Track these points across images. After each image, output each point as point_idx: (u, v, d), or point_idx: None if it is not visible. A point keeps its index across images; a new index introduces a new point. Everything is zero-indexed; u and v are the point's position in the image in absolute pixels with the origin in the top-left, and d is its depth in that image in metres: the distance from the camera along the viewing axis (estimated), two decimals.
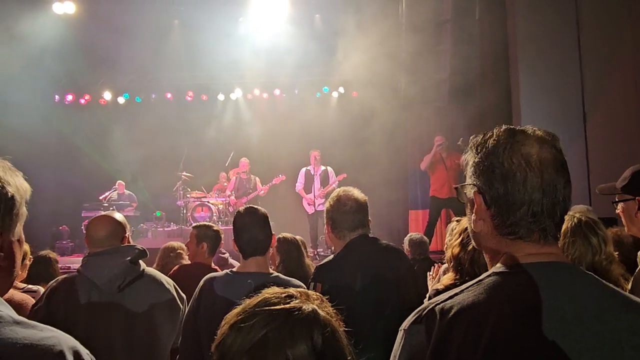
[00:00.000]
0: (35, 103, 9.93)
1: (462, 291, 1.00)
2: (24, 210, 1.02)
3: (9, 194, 0.97)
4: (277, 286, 1.05)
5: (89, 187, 10.06)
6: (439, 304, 0.99)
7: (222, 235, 3.70)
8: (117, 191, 9.88)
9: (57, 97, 11.42)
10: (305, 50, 9.35)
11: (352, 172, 8.69)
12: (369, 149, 9.20)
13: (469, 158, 1.09)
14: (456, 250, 2.13)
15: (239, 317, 0.95)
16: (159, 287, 2.24)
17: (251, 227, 2.28)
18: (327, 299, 1.05)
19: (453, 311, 0.95)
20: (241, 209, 2.38)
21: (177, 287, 2.34)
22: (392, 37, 8.25)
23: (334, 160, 9.32)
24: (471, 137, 1.10)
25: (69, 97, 11.46)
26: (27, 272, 3.10)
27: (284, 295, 0.98)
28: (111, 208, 9.31)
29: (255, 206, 2.41)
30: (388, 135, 9.09)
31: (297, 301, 0.97)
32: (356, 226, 2.32)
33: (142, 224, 9.81)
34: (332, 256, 2.37)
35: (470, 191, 1.07)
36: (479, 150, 1.06)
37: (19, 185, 1.01)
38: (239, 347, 0.91)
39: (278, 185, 9.21)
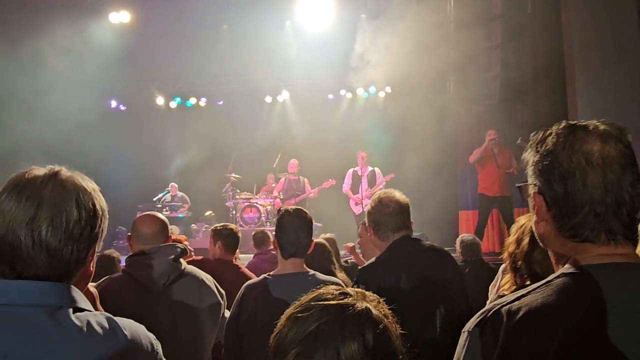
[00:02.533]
0: (92, 109, 10.43)
1: (529, 292, 0.96)
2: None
3: (105, 211, 1.10)
4: (317, 285, 1.05)
5: (143, 189, 10.44)
6: (505, 305, 0.95)
7: (239, 234, 3.74)
8: (170, 193, 10.23)
9: (112, 103, 11.94)
10: (351, 51, 9.33)
11: (400, 173, 8.60)
12: (416, 150, 9.07)
13: (529, 157, 1.05)
14: (511, 248, 2.07)
15: (296, 310, 0.96)
16: (201, 285, 2.27)
17: (297, 229, 2.28)
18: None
19: (521, 313, 0.92)
20: (289, 208, 2.37)
21: (216, 283, 2.36)
22: (440, 35, 8.11)
23: (382, 160, 9.27)
24: (532, 134, 1.06)
25: (124, 103, 11.96)
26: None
27: (338, 292, 0.99)
28: (164, 209, 9.64)
29: (303, 209, 2.41)
30: (436, 134, 8.94)
31: (351, 299, 0.97)
32: (399, 227, 2.30)
33: (192, 225, 10.08)
34: (374, 258, 2.35)
35: (531, 191, 1.04)
36: (538, 149, 1.02)
37: (105, 203, 1.12)
38: (293, 338, 0.92)
39: (327, 188, 9.27)
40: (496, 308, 0.96)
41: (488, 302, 2.80)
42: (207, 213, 10.35)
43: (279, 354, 0.94)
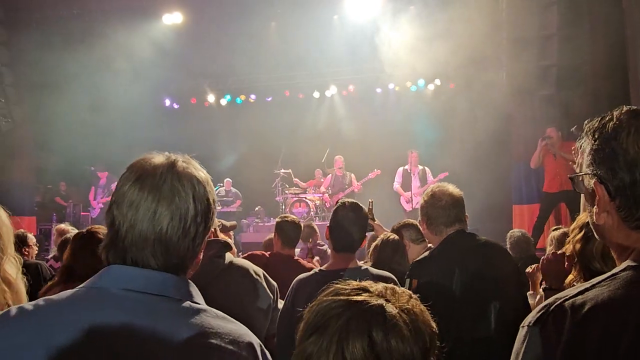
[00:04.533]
0: (149, 107, 10.85)
1: (592, 286, 0.92)
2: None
3: (216, 201, 1.12)
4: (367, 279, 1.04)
5: None
6: (567, 299, 0.91)
7: (299, 226, 3.67)
8: (224, 188, 10.51)
9: (167, 101, 12.34)
10: (400, 43, 9.21)
11: (451, 167, 8.46)
12: (469, 142, 8.87)
13: (585, 145, 0.99)
14: (577, 246, 1.98)
15: (312, 303, 0.97)
16: (247, 278, 2.24)
17: (351, 223, 2.27)
18: (422, 296, 1.01)
19: (587, 307, 0.88)
20: (346, 202, 2.35)
21: (267, 275, 2.33)
22: (492, 23, 7.86)
23: (432, 154, 9.15)
24: (585, 122, 1.00)
25: (177, 101, 12.35)
26: None
27: (356, 287, 0.96)
28: (217, 204, 9.88)
29: (359, 203, 2.37)
30: (489, 127, 8.69)
31: (366, 295, 0.93)
32: (452, 221, 2.25)
33: (243, 219, 10.29)
34: (428, 252, 2.32)
35: (589, 181, 0.98)
36: (597, 136, 0.96)
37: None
38: (306, 331, 0.93)
39: (373, 183, 9.29)
40: (559, 302, 0.92)
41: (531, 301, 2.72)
42: (257, 208, 10.53)
43: (298, 339, 0.95)
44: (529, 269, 3.12)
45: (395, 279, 2.20)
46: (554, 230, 3.27)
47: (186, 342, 0.95)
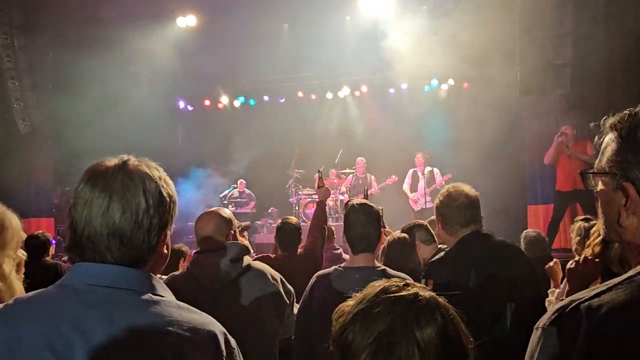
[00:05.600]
0: (162, 110, 10.95)
1: (609, 289, 0.90)
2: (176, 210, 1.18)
3: (173, 197, 1.15)
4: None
5: (210, 186, 10.81)
6: (584, 301, 0.90)
7: (294, 228, 3.62)
8: (237, 189, 10.57)
9: (180, 103, 12.44)
10: (413, 43, 9.18)
11: (466, 166, 8.41)
12: (483, 142, 8.81)
13: (609, 141, 0.94)
14: (597, 249, 1.97)
15: (359, 308, 0.96)
16: (264, 282, 2.25)
17: (363, 224, 2.28)
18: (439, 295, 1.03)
19: (603, 310, 0.86)
20: (355, 204, 2.37)
21: (284, 280, 2.35)
22: (506, 23, 7.81)
23: (445, 154, 9.12)
24: (604, 118, 0.96)
25: (190, 103, 12.44)
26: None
27: (402, 284, 0.99)
28: (230, 205, 9.94)
29: (369, 203, 2.39)
30: (503, 126, 8.63)
31: (415, 289, 0.98)
32: (468, 222, 2.24)
33: (257, 220, 10.33)
34: (443, 252, 2.32)
35: (610, 181, 0.94)
36: (623, 132, 0.91)
37: (174, 189, 1.17)
38: (363, 337, 0.92)
39: (390, 185, 9.41)
40: (574, 304, 0.90)
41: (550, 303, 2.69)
42: (270, 209, 10.56)
43: (348, 355, 0.93)
44: (550, 264, 3.10)
45: (411, 279, 2.20)
46: (581, 219, 3.17)
47: (142, 330, 0.99)
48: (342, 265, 2.34)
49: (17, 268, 1.46)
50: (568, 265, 2.10)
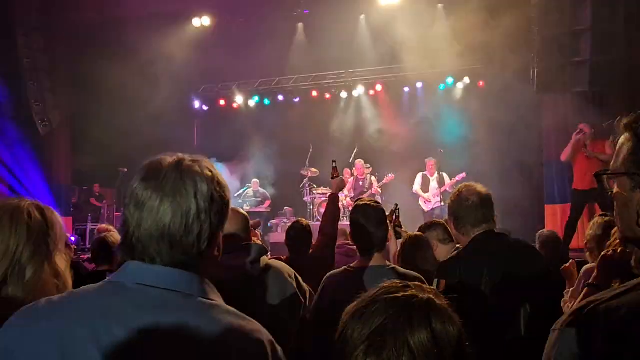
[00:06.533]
0: (178, 110, 11.05)
1: (627, 290, 0.88)
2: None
3: (226, 198, 1.12)
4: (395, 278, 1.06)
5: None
6: (601, 303, 0.88)
7: (304, 230, 3.57)
8: (251, 188, 10.62)
9: (196, 103, 12.53)
10: (428, 41, 9.13)
11: (481, 165, 8.35)
12: (498, 141, 8.73)
13: (624, 141, 0.92)
14: (618, 250, 1.93)
15: (359, 307, 0.98)
16: (283, 282, 2.27)
17: (368, 225, 2.28)
18: (451, 296, 1.02)
19: (622, 312, 0.85)
20: (358, 205, 2.37)
21: (298, 278, 2.37)
22: (522, 19, 7.71)
23: (460, 153, 9.06)
24: (617, 118, 0.94)
25: (205, 103, 12.53)
26: None
27: (401, 285, 1.00)
28: (245, 205, 10.00)
29: (372, 203, 2.39)
30: (520, 125, 8.54)
31: (413, 291, 0.98)
32: (481, 221, 2.20)
33: (272, 220, 10.36)
34: (456, 252, 2.29)
35: (627, 181, 0.92)
36: (639, 131, 0.89)
37: (227, 189, 1.15)
38: (359, 334, 0.94)
39: (394, 185, 9.50)
40: (592, 306, 0.89)
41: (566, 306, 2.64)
42: (285, 208, 10.59)
43: (347, 350, 0.95)
44: (566, 265, 3.05)
45: (422, 278, 2.19)
46: (601, 215, 3.11)
47: (194, 335, 0.97)
48: (352, 265, 2.35)
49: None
50: (604, 253, 2.07)
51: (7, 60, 9.18)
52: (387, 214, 2.45)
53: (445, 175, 9.13)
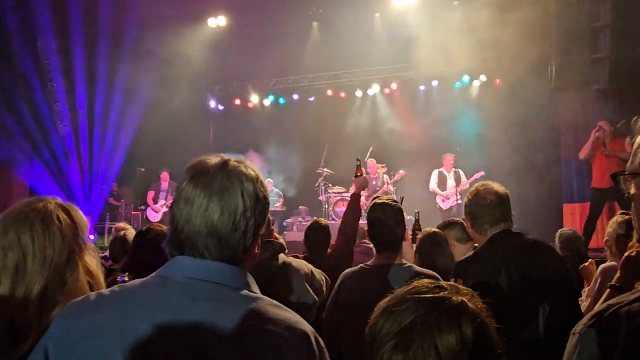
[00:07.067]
0: (194, 110, 11.14)
1: None
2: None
3: (267, 198, 1.18)
4: (411, 277, 1.06)
5: None
6: (623, 306, 0.87)
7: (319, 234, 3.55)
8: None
9: (212, 102, 12.62)
10: (444, 39, 9.06)
11: (498, 164, 8.27)
12: (515, 139, 8.63)
13: None
14: None
15: (391, 303, 0.98)
16: (301, 279, 2.31)
17: (385, 223, 2.28)
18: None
19: None
20: (376, 203, 2.37)
21: (314, 274, 2.40)
22: (540, 16, 7.61)
23: (477, 152, 8.98)
24: (634, 119, 0.94)
25: (221, 103, 12.61)
26: None
27: (433, 285, 0.99)
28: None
29: (390, 201, 2.39)
30: (537, 123, 8.44)
31: (446, 292, 0.97)
32: (498, 220, 2.19)
33: (287, 219, 10.39)
34: (472, 252, 2.27)
35: None
36: None
37: (267, 189, 1.20)
38: (389, 330, 0.94)
39: (407, 182, 9.39)
40: (613, 309, 0.88)
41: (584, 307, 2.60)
42: (300, 207, 10.61)
43: (375, 346, 0.95)
44: (585, 264, 3.01)
45: (439, 276, 2.18)
46: (621, 213, 3.06)
47: (243, 326, 1.01)
48: (368, 263, 2.35)
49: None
50: (627, 254, 2.04)
51: (27, 62, 9.36)
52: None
53: (461, 172, 9.00)
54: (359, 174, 3.54)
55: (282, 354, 1.00)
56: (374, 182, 9.50)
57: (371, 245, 4.72)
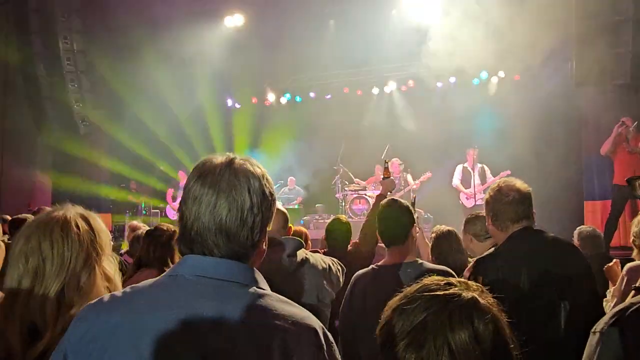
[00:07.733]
0: (211, 108, 11.23)
1: None
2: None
3: (274, 194, 1.20)
4: (422, 273, 1.06)
5: None
6: None
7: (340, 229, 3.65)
8: (287, 186, 10.76)
9: (229, 101, 12.70)
10: (461, 35, 8.97)
11: (518, 161, 8.18)
12: (536, 136, 8.53)
13: None
14: None
15: (402, 302, 0.98)
16: (320, 275, 2.36)
17: (390, 219, 2.36)
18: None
19: None
20: (384, 201, 2.46)
21: (332, 268, 2.45)
22: (561, 9, 7.49)
23: (496, 149, 8.88)
24: None
25: (238, 101, 12.68)
26: None
27: (443, 282, 0.99)
28: (279, 201, 10.11)
29: (397, 200, 2.46)
30: (558, 120, 8.33)
31: (456, 289, 0.97)
32: (519, 218, 2.17)
33: (305, 216, 10.42)
34: (493, 249, 2.25)
35: None
36: None
37: (274, 186, 1.22)
38: (401, 329, 0.94)
39: (432, 180, 9.24)
40: (634, 307, 0.88)
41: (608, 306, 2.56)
42: (317, 205, 10.63)
43: (388, 345, 0.96)
44: (610, 264, 2.97)
45: (452, 272, 2.19)
46: None
47: (251, 322, 1.03)
48: (379, 263, 2.39)
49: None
50: None
51: (50, 62, 9.54)
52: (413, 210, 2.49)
53: (486, 168, 8.70)
54: (386, 176, 3.60)
55: (289, 349, 1.01)
56: (396, 182, 9.46)
57: (383, 245, 4.75)
